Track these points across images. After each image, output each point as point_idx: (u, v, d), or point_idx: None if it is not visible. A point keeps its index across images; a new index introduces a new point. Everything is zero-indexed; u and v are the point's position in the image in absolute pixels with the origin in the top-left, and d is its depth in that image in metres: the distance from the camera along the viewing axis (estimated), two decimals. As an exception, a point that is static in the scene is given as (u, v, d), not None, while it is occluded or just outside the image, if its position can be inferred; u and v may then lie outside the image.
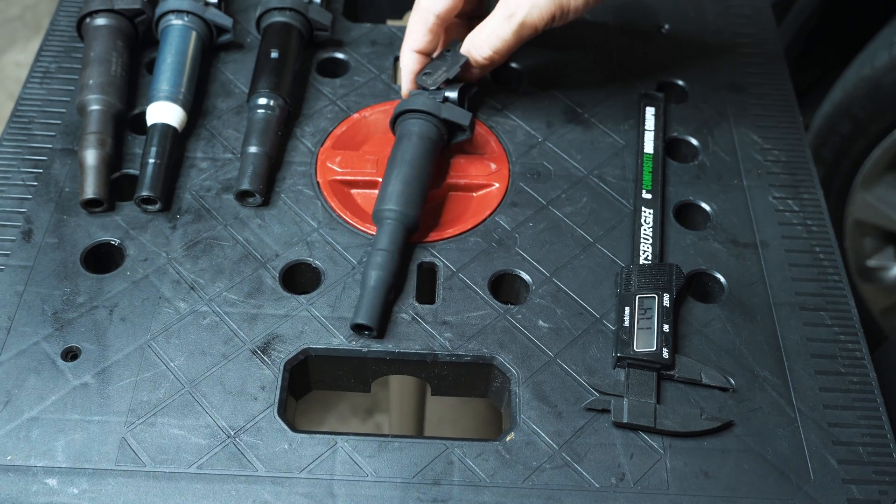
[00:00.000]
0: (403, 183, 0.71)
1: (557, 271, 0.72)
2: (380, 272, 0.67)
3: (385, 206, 0.70)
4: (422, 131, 0.74)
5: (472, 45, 0.78)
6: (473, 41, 0.77)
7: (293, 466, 0.60)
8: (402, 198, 0.70)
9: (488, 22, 0.76)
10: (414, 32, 0.79)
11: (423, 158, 0.73)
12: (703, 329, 0.69)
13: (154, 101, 0.77)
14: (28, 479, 0.58)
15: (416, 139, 0.73)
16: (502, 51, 0.77)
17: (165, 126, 0.76)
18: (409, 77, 0.80)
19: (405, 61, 0.80)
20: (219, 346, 0.66)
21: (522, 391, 0.65)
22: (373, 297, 0.66)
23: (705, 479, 0.61)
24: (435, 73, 0.77)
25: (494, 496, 0.59)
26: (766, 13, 0.95)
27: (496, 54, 0.77)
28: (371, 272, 0.67)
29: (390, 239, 0.69)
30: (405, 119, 0.75)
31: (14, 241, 0.71)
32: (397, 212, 0.70)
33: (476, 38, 0.77)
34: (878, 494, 0.60)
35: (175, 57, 0.80)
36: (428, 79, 0.77)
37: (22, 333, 0.65)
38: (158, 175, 0.73)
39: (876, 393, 0.66)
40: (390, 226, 0.70)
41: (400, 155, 0.73)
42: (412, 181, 0.71)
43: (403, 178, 0.71)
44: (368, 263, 0.68)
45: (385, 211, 0.70)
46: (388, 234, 0.69)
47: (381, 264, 0.68)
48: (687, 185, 0.79)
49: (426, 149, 0.73)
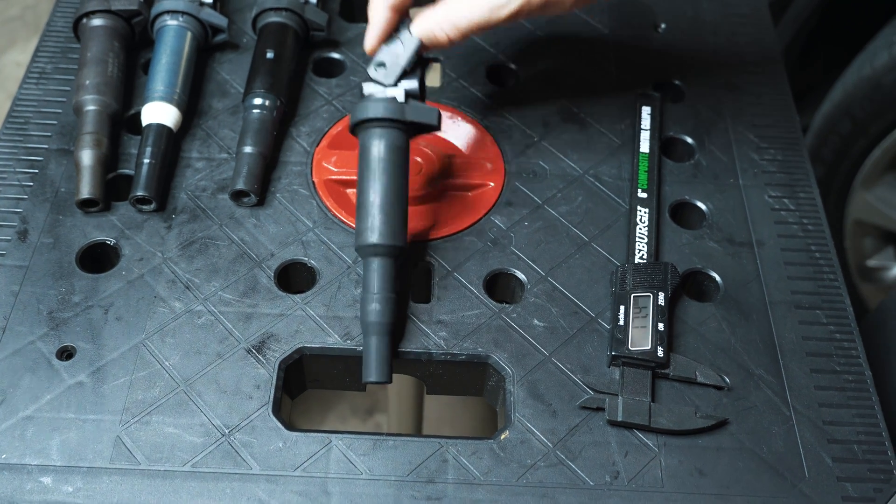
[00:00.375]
0: (384, 212, 0.66)
1: (552, 270, 0.72)
2: (381, 323, 0.64)
3: (369, 242, 0.66)
4: (390, 142, 0.67)
5: (443, 21, 0.68)
6: (447, 16, 0.68)
7: (288, 465, 0.60)
8: (386, 229, 0.65)
9: (469, 4, 0.67)
10: None
11: (397, 176, 0.67)
12: (699, 328, 0.69)
13: (149, 102, 0.77)
14: (23, 478, 0.58)
15: (386, 152, 0.67)
16: (473, 34, 0.69)
17: (161, 126, 0.76)
18: (378, 34, 0.70)
19: (376, 17, 0.70)
20: (214, 345, 0.66)
21: (517, 390, 0.65)
22: (381, 352, 0.64)
23: (700, 477, 0.61)
24: (389, 65, 0.69)
25: (489, 494, 0.59)
26: (764, 13, 0.95)
27: (464, 38, 0.69)
28: (372, 324, 0.64)
29: (382, 280, 0.65)
30: (368, 129, 0.68)
31: (9, 241, 0.71)
32: (386, 247, 0.66)
33: (450, 15, 0.68)
34: (872, 492, 0.60)
35: (170, 57, 0.80)
36: (382, 72, 0.69)
37: (17, 333, 0.66)
38: (153, 175, 0.73)
39: (871, 391, 0.66)
40: (380, 264, 0.66)
41: (371, 174, 0.67)
42: (394, 205, 0.66)
43: (383, 205, 0.66)
44: (367, 314, 0.64)
45: (370, 248, 0.66)
46: (379, 273, 0.65)
47: (380, 312, 0.64)
48: (683, 184, 0.79)
49: (398, 161, 0.67)
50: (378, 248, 0.66)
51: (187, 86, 0.81)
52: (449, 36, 0.68)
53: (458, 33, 0.68)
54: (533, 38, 0.90)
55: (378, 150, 0.67)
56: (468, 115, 0.83)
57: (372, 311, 0.64)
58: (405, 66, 0.69)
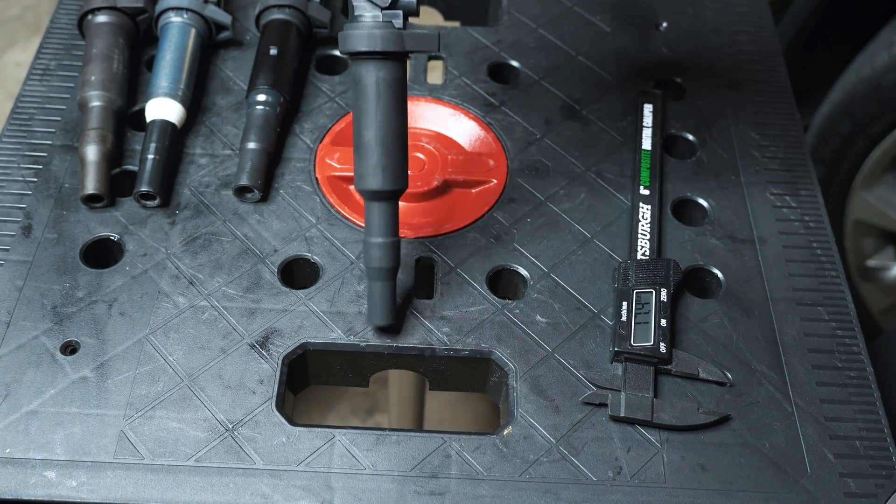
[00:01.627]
0: (384, 153, 0.62)
1: (555, 267, 0.72)
2: (384, 268, 0.64)
3: (370, 188, 0.63)
4: (387, 75, 0.62)
5: None
6: None
7: (291, 459, 0.60)
8: (387, 173, 0.63)
9: None
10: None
11: (396, 112, 0.63)
12: (701, 324, 0.69)
13: (153, 98, 0.77)
14: (27, 472, 0.59)
15: (384, 86, 0.62)
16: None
17: (164, 122, 0.76)
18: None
19: None
20: (217, 341, 0.66)
21: (520, 385, 0.65)
22: (384, 297, 0.64)
23: (702, 472, 0.61)
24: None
25: (491, 489, 0.60)
26: (764, 11, 0.96)
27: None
28: (374, 269, 0.64)
29: (385, 223, 0.64)
30: (364, 60, 0.62)
31: (14, 237, 0.71)
32: (387, 192, 0.64)
33: None
34: (874, 488, 0.60)
35: (174, 54, 0.80)
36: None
37: (21, 328, 0.66)
38: (157, 170, 0.73)
39: (873, 388, 0.66)
40: (381, 208, 0.64)
41: (369, 112, 0.62)
42: (394, 144, 0.63)
43: (383, 145, 0.62)
44: (370, 259, 0.64)
45: (371, 193, 0.64)
46: (380, 217, 0.64)
47: (382, 257, 0.64)
48: (685, 181, 0.79)
49: (396, 96, 0.63)
50: (379, 193, 0.64)
51: (191, 82, 0.81)
52: None
53: None
54: (535, 36, 0.91)
55: (376, 86, 0.62)
56: (471, 112, 0.83)
57: (375, 257, 0.64)
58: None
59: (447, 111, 0.83)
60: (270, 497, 0.59)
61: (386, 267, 0.64)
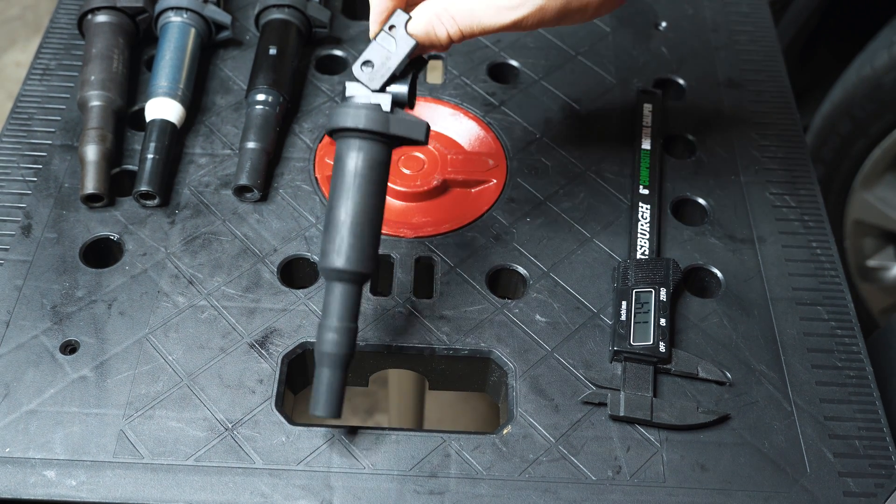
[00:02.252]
0: (354, 234, 0.60)
1: (555, 266, 0.72)
2: (337, 354, 0.60)
3: (334, 266, 0.60)
4: (369, 156, 0.61)
5: (443, 13, 0.60)
6: (447, 9, 0.59)
7: (290, 459, 0.60)
8: (354, 253, 0.60)
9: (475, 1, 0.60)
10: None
11: (373, 194, 0.61)
12: (700, 323, 0.69)
13: (153, 97, 0.77)
14: (26, 471, 0.59)
15: (364, 167, 0.60)
16: (474, 34, 0.61)
17: (164, 122, 0.76)
18: (378, 19, 0.62)
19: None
20: (217, 340, 0.66)
21: (519, 385, 0.65)
22: (332, 386, 0.60)
23: (702, 472, 0.61)
24: (377, 66, 0.61)
25: (491, 489, 0.60)
26: (764, 11, 0.96)
27: (463, 38, 0.61)
28: (327, 354, 0.60)
29: (344, 308, 0.60)
30: (346, 137, 0.61)
31: (13, 236, 0.71)
32: (351, 273, 0.60)
33: (450, 7, 0.59)
34: (873, 487, 0.60)
35: (174, 53, 0.80)
36: (367, 73, 0.61)
37: (21, 327, 0.66)
38: (157, 170, 0.73)
39: (872, 387, 0.66)
40: (343, 291, 0.60)
41: (345, 190, 0.60)
42: (365, 226, 0.60)
43: (354, 226, 0.60)
44: (322, 342, 0.60)
45: (334, 272, 0.60)
46: (341, 301, 0.60)
47: (337, 343, 0.60)
48: (684, 180, 0.79)
49: (376, 178, 0.61)
50: (343, 274, 0.60)
51: (191, 82, 0.81)
52: (448, 32, 0.60)
53: (457, 30, 0.60)
54: (535, 35, 0.91)
55: (355, 164, 0.60)
56: (470, 112, 0.83)
57: (328, 341, 0.60)
58: (395, 70, 0.61)
59: (447, 111, 0.83)
60: (270, 496, 0.59)
61: (340, 353, 0.60)
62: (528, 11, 0.58)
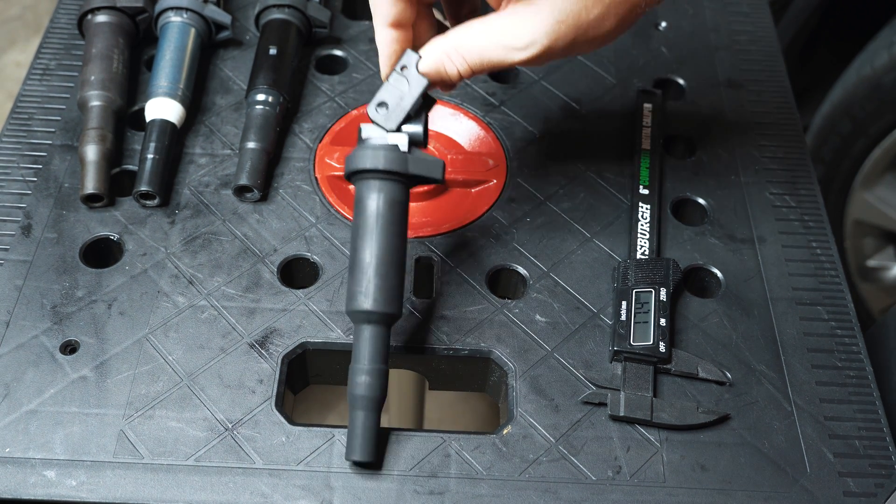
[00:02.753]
0: (380, 275, 0.60)
1: (555, 266, 0.72)
2: (370, 398, 0.60)
3: (363, 308, 0.60)
4: (389, 196, 0.61)
5: (452, 50, 0.60)
6: (456, 46, 0.60)
7: (291, 459, 0.60)
8: (382, 294, 0.60)
9: (485, 38, 0.60)
10: (380, 3, 0.61)
11: (396, 234, 0.61)
12: (700, 323, 0.69)
13: (153, 98, 0.77)
14: (26, 471, 0.59)
15: (385, 207, 0.61)
16: (483, 71, 0.62)
17: (164, 122, 0.76)
18: (388, 61, 0.63)
19: (381, 41, 0.63)
20: (217, 340, 0.66)
21: (519, 385, 0.65)
22: (368, 429, 0.60)
23: (702, 472, 0.61)
24: (392, 107, 0.62)
25: (491, 489, 0.60)
26: (764, 10, 0.96)
27: (472, 74, 0.61)
28: (360, 398, 0.60)
29: (374, 351, 0.60)
30: (366, 179, 0.62)
31: (13, 236, 0.71)
32: (380, 314, 0.60)
33: (459, 44, 0.60)
34: (873, 487, 0.60)
35: (174, 54, 0.80)
36: (382, 114, 0.62)
37: (21, 327, 0.66)
38: (157, 170, 0.73)
39: (872, 387, 0.66)
40: (373, 333, 0.60)
41: (368, 231, 0.61)
42: (391, 266, 0.61)
43: (380, 266, 0.60)
44: (355, 386, 0.60)
45: (363, 314, 0.60)
46: (371, 343, 0.60)
47: (370, 386, 0.60)
48: (684, 180, 0.79)
49: (397, 218, 0.62)
50: (371, 316, 0.60)
51: (191, 82, 0.81)
52: (458, 69, 0.60)
53: (466, 67, 0.60)
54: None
55: (376, 205, 0.61)
56: (470, 112, 0.83)
57: (360, 384, 0.59)
58: (409, 110, 0.61)
59: (447, 111, 0.83)
60: (270, 496, 0.59)
61: (373, 396, 0.60)
62: (536, 52, 0.58)
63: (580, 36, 0.58)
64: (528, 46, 0.58)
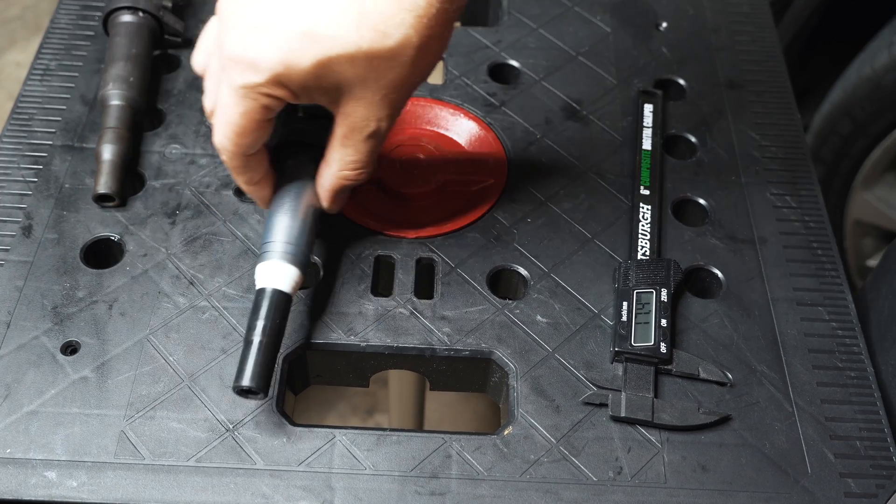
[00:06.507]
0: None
1: (556, 267, 0.72)
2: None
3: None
4: None
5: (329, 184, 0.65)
6: (330, 180, 0.65)
7: (291, 460, 0.60)
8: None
9: (340, 154, 0.62)
10: (236, 172, 0.63)
11: None
12: (701, 324, 0.69)
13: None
14: (27, 472, 0.59)
15: None
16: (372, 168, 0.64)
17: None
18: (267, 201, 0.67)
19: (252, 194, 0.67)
20: (218, 341, 0.66)
21: (520, 385, 0.65)
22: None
23: (703, 472, 0.61)
24: None
25: (492, 489, 0.60)
26: (764, 11, 0.96)
27: (368, 177, 0.65)
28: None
29: None
30: None
31: (14, 237, 0.71)
32: None
33: (335, 174, 0.64)
34: (875, 488, 0.60)
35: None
36: None
37: (21, 328, 0.66)
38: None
39: (873, 388, 0.66)
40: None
41: None
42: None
43: None
44: None
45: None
46: None
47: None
48: (685, 181, 0.79)
49: None
50: None
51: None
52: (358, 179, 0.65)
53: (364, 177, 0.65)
54: (535, 36, 0.91)
55: None
56: (471, 112, 0.83)
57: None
58: None
59: (447, 111, 0.83)
60: (271, 497, 0.59)
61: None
62: (388, 120, 0.61)
63: None
64: None
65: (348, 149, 0.61)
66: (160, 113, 0.82)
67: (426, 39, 0.55)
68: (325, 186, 0.65)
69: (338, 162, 0.62)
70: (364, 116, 0.58)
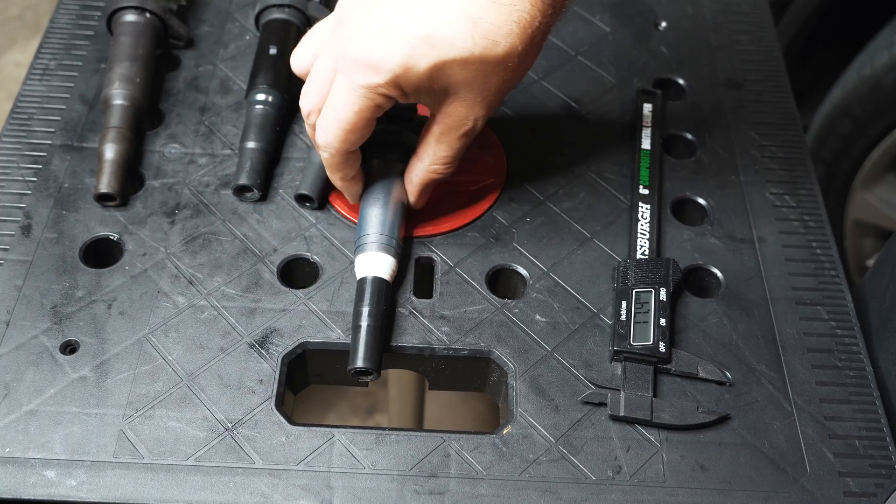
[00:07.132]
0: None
1: (555, 266, 0.72)
2: None
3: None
4: None
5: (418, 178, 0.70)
6: (419, 174, 0.69)
7: (290, 459, 0.60)
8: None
9: (434, 149, 0.67)
10: (334, 168, 0.68)
11: None
12: (700, 323, 0.69)
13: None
14: (26, 471, 0.59)
15: None
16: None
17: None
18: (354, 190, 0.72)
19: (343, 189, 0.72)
20: (217, 340, 0.66)
21: (519, 385, 0.65)
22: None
23: (702, 472, 0.61)
24: None
25: (491, 489, 0.60)
26: (764, 10, 0.96)
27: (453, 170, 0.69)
28: None
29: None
30: None
31: (13, 236, 0.71)
32: None
33: (422, 168, 0.69)
34: (873, 487, 0.60)
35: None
36: None
37: (21, 327, 0.66)
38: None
39: (872, 387, 0.66)
40: None
41: None
42: None
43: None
44: None
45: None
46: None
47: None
48: (684, 180, 0.79)
49: None
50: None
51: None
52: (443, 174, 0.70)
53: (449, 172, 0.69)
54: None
55: None
56: (470, 112, 0.83)
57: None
58: None
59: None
60: (270, 496, 0.59)
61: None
62: (481, 119, 0.65)
63: None
64: None
65: (443, 145, 0.66)
66: (159, 113, 0.82)
67: (528, 49, 0.61)
68: (415, 181, 0.69)
69: (430, 157, 0.67)
70: (463, 116, 0.63)
